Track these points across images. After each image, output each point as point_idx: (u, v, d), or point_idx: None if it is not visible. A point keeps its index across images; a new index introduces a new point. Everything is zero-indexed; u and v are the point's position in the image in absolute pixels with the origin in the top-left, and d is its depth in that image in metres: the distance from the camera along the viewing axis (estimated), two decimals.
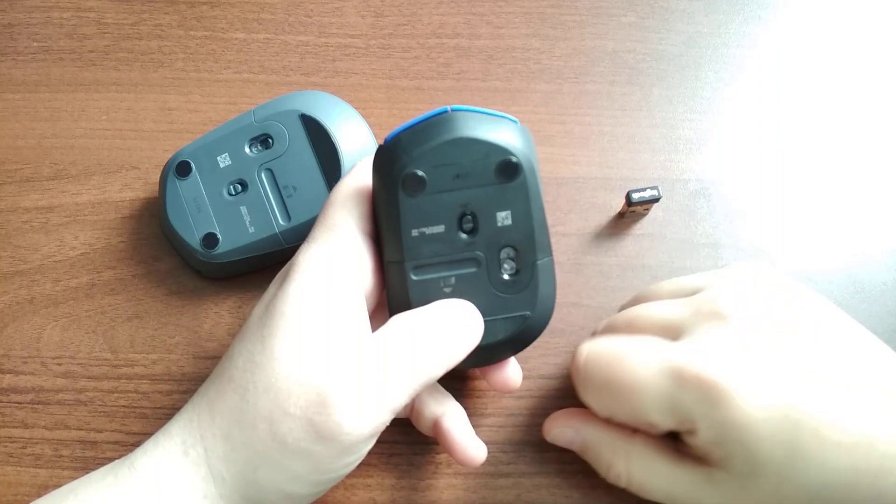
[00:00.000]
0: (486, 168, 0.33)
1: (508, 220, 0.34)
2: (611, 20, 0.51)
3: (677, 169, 0.48)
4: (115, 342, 0.44)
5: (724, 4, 0.51)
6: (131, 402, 0.43)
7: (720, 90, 0.49)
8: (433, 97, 0.49)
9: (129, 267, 0.46)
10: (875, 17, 0.51)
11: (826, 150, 0.48)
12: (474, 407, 0.42)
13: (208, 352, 0.44)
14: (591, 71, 0.50)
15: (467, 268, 0.35)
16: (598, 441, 0.38)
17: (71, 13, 0.51)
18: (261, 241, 0.43)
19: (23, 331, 0.45)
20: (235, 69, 0.50)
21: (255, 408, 0.32)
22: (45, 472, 0.42)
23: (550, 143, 0.48)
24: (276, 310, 0.33)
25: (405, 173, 0.33)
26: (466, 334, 0.35)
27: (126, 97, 0.49)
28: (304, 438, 0.32)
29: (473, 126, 0.33)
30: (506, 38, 0.51)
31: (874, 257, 0.46)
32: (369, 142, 0.45)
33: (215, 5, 0.52)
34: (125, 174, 0.48)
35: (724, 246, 0.46)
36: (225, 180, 0.44)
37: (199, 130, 0.47)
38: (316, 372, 0.32)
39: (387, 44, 0.51)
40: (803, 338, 0.34)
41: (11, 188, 0.47)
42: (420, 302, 0.35)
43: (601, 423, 0.38)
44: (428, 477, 0.42)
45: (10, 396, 0.43)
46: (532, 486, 0.41)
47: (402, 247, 0.34)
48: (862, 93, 0.49)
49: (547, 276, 0.36)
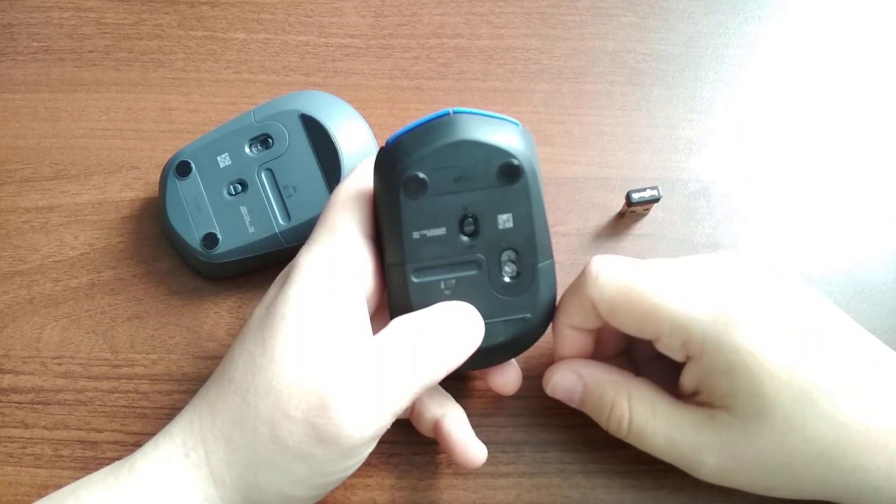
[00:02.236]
0: (487, 171, 0.33)
1: (510, 222, 0.34)
2: (611, 20, 0.51)
3: (677, 169, 0.48)
4: (115, 342, 0.44)
5: (724, 4, 0.51)
6: (131, 402, 0.43)
7: (720, 90, 0.49)
8: (433, 97, 0.49)
9: (129, 267, 0.46)
10: (875, 16, 0.51)
11: (826, 150, 0.48)
12: (474, 407, 0.42)
13: (208, 352, 0.44)
14: (591, 71, 0.50)
15: (468, 270, 0.35)
16: (600, 381, 0.38)
17: (71, 13, 0.51)
18: (261, 241, 0.43)
19: (23, 331, 0.45)
20: (235, 69, 0.50)
21: (256, 410, 0.32)
22: (45, 472, 0.42)
23: (550, 143, 0.48)
24: (276, 312, 0.33)
25: (406, 175, 0.33)
26: (467, 337, 0.35)
27: (126, 97, 0.49)
28: (305, 441, 0.32)
29: (475, 128, 0.33)
30: (506, 38, 0.51)
31: (874, 257, 0.46)
32: (369, 142, 0.45)
33: (215, 5, 0.51)
34: (125, 174, 0.48)
35: (724, 246, 0.46)
36: (225, 180, 0.44)
37: (199, 130, 0.47)
38: (317, 375, 0.32)
39: (387, 44, 0.51)
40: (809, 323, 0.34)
41: (11, 188, 0.47)
42: (421, 304, 0.35)
43: (603, 365, 0.38)
44: (428, 477, 0.42)
45: (10, 396, 0.43)
46: (532, 486, 0.41)
47: (403, 249, 0.34)
48: (862, 93, 0.49)
49: (548, 279, 0.36)
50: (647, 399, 0.36)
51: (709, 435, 0.34)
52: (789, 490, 0.35)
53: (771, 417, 0.33)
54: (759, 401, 0.33)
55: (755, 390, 0.32)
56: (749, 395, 0.33)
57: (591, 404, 0.38)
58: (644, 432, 0.36)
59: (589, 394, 0.38)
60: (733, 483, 0.36)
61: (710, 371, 0.33)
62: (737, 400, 0.33)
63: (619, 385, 0.37)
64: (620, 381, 0.37)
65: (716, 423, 0.34)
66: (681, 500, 0.41)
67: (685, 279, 0.35)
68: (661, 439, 0.35)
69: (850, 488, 0.33)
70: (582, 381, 0.38)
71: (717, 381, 0.33)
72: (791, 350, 0.33)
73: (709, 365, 0.33)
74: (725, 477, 0.35)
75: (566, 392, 0.39)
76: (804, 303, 0.35)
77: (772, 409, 0.32)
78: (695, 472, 0.36)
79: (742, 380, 0.33)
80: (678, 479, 0.37)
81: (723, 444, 0.34)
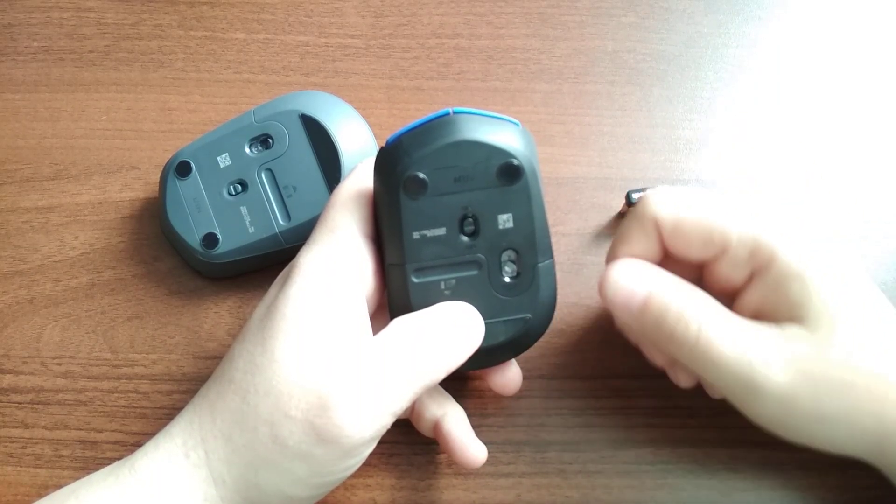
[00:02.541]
0: (487, 171, 0.33)
1: (510, 222, 0.34)
2: (611, 20, 0.51)
3: (677, 169, 0.48)
4: (115, 342, 0.44)
5: (724, 4, 0.51)
6: (131, 402, 0.43)
7: (720, 90, 0.49)
8: (433, 97, 0.49)
9: (129, 267, 0.46)
10: (875, 16, 0.51)
11: (826, 150, 0.48)
12: (474, 407, 0.42)
13: (208, 352, 0.44)
14: (591, 71, 0.50)
15: (468, 270, 0.35)
16: (669, 287, 0.35)
17: (71, 13, 0.51)
18: (261, 241, 0.43)
19: (23, 331, 0.45)
20: (235, 69, 0.50)
21: (256, 410, 0.32)
22: (45, 472, 0.42)
23: (550, 143, 0.48)
24: (277, 312, 0.33)
25: (407, 176, 0.33)
26: (467, 337, 0.35)
27: (126, 97, 0.49)
28: (305, 441, 0.32)
29: (475, 129, 0.33)
30: (506, 38, 0.51)
31: (874, 257, 0.46)
32: (369, 142, 0.45)
33: (215, 5, 0.51)
34: (125, 174, 0.48)
35: None
36: (225, 180, 0.44)
37: (199, 130, 0.47)
38: (317, 375, 0.32)
39: (387, 44, 0.51)
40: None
41: (11, 188, 0.47)
42: (421, 304, 0.35)
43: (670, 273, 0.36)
44: (428, 477, 0.42)
45: (10, 396, 0.43)
46: (532, 486, 0.41)
47: (403, 249, 0.34)
48: (862, 92, 0.49)
49: (548, 279, 0.36)
50: (720, 308, 0.34)
51: (781, 346, 0.33)
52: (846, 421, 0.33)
53: (840, 328, 0.32)
54: (830, 308, 0.32)
55: (827, 296, 0.32)
56: (822, 301, 0.32)
57: (654, 311, 0.35)
58: (714, 343, 0.33)
59: (654, 299, 0.35)
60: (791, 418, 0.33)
61: (779, 280, 0.33)
62: (808, 310, 0.32)
63: (689, 291, 0.35)
64: (690, 288, 0.35)
65: (787, 336, 0.33)
66: (681, 500, 0.41)
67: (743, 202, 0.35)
68: (732, 350, 0.33)
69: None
70: (647, 285, 0.35)
71: (788, 289, 0.33)
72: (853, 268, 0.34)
73: (778, 273, 0.33)
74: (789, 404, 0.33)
75: (627, 294, 0.35)
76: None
77: (843, 319, 0.32)
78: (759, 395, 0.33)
79: (815, 285, 0.32)
80: (678, 480, 0.37)
81: (794, 357, 0.32)
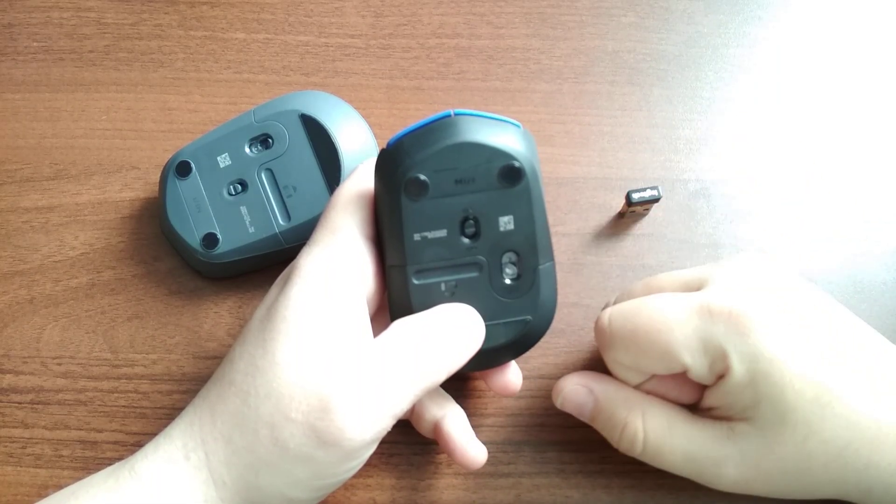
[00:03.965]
0: (488, 173, 0.33)
1: (511, 224, 0.34)
2: (611, 20, 0.51)
3: (677, 169, 0.48)
4: (115, 342, 0.44)
5: (724, 4, 0.51)
6: (131, 402, 0.43)
7: (720, 90, 0.49)
8: (433, 97, 0.49)
9: (129, 267, 0.46)
10: (875, 16, 0.51)
11: (826, 150, 0.48)
12: (474, 407, 0.43)
13: (208, 352, 0.44)
14: (591, 71, 0.50)
15: (469, 272, 0.35)
16: (613, 398, 0.37)
17: (71, 13, 0.51)
18: (261, 241, 0.43)
19: (23, 331, 0.45)
20: (235, 69, 0.50)
21: (257, 412, 0.32)
22: (45, 472, 0.42)
23: (550, 143, 0.48)
24: (277, 313, 0.33)
25: (408, 177, 0.33)
26: (468, 339, 0.35)
27: (126, 97, 0.49)
28: (306, 444, 0.32)
29: (476, 130, 0.33)
30: (506, 38, 0.51)
31: (874, 257, 0.46)
32: (369, 142, 0.45)
33: (215, 5, 0.51)
34: (125, 174, 0.48)
35: (724, 246, 0.46)
36: (225, 180, 0.44)
37: (199, 130, 0.47)
38: (318, 377, 0.32)
39: (387, 44, 0.51)
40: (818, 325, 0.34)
41: (11, 188, 0.47)
42: (422, 306, 0.35)
43: (616, 382, 0.37)
44: (428, 477, 0.42)
45: (10, 396, 0.43)
46: (532, 486, 0.41)
47: (403, 251, 0.34)
48: (862, 92, 0.49)
49: (548, 281, 0.36)
50: (663, 416, 0.36)
51: (729, 448, 0.34)
52: (804, 492, 0.35)
53: (791, 423, 0.33)
54: (780, 408, 0.33)
55: (777, 398, 0.33)
56: (771, 403, 0.33)
57: (603, 421, 0.37)
58: (661, 450, 0.36)
59: (600, 410, 0.37)
60: (751, 491, 0.36)
61: (733, 388, 0.33)
62: (758, 411, 0.33)
63: (632, 402, 0.37)
64: (633, 398, 0.37)
65: (735, 436, 0.34)
66: (681, 500, 0.41)
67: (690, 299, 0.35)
68: (679, 456, 0.35)
69: (862, 485, 0.34)
70: (593, 395, 0.38)
71: (740, 394, 0.33)
72: (804, 353, 0.33)
73: (732, 382, 0.33)
74: (745, 486, 0.35)
75: (576, 406, 0.38)
76: (809, 302, 0.35)
77: (792, 415, 0.32)
78: (714, 484, 0.36)
79: (764, 389, 0.33)
80: (678, 480, 0.37)
81: (743, 455, 0.34)
